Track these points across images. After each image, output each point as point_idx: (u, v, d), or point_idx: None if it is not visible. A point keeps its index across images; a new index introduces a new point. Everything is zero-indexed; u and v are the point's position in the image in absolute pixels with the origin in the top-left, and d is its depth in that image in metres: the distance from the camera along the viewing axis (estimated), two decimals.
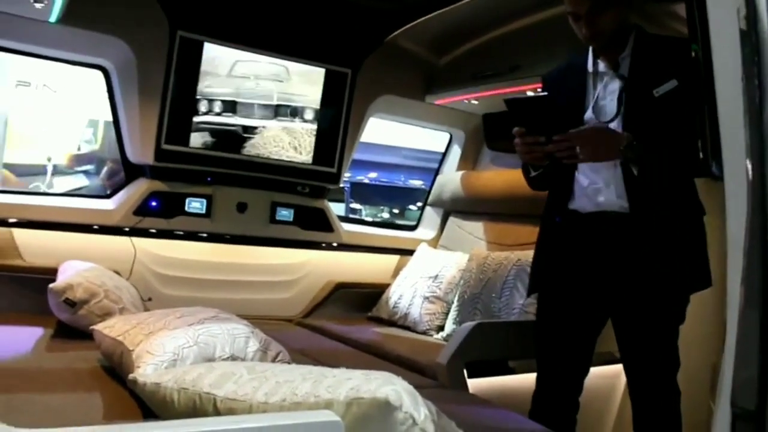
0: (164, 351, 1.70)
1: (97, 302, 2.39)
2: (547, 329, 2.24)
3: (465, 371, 2.49)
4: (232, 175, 3.33)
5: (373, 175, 11.98)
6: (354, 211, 11.32)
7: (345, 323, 3.38)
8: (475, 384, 2.57)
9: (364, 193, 11.54)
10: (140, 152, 3.08)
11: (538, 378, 2.28)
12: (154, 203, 3.15)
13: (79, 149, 6.88)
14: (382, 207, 11.94)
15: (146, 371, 1.62)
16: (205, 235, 3.32)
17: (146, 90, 2.98)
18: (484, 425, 1.89)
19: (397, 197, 11.31)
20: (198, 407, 1.27)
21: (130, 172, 3.23)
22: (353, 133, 3.57)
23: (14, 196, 2.98)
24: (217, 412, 1.24)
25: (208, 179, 3.28)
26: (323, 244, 3.69)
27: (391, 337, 3.15)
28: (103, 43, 2.87)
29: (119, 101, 3.05)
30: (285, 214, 3.53)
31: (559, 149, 1.95)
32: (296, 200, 3.56)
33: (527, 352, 2.61)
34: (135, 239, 3.12)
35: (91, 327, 2.09)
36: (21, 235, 2.88)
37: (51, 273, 2.60)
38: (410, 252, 3.73)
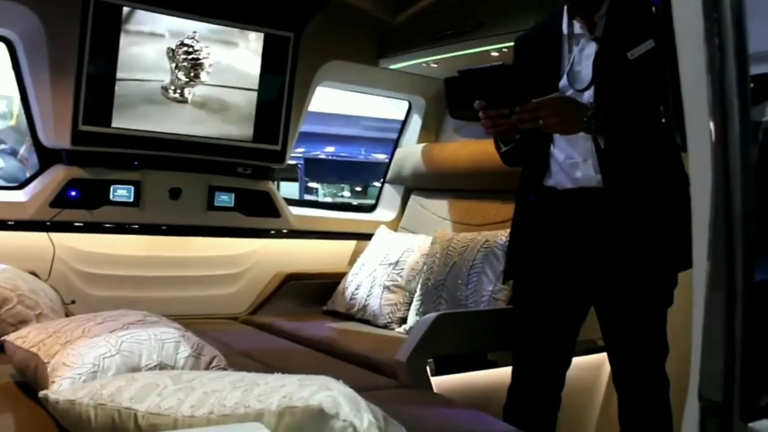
0: (83, 362, 1.69)
1: (9, 309, 2.36)
2: (524, 319, 2.28)
3: (429, 368, 2.52)
4: (162, 157, 3.29)
5: (330, 149, 11.96)
6: (310, 190, 11.30)
7: (297, 319, 3.40)
8: (443, 381, 2.61)
9: (320, 170, 11.52)
10: (54, 135, 3.03)
11: (514, 372, 2.32)
12: (73, 193, 3.11)
13: None
14: (341, 185, 11.94)
15: (62, 386, 1.61)
16: (134, 226, 3.30)
17: (58, 64, 2.93)
18: (448, 428, 1.92)
19: (358, 173, 11.32)
20: (117, 425, 1.27)
21: (44, 158, 3.18)
22: (299, 105, 3.56)
23: None
24: (138, 429, 1.25)
25: (135, 163, 3.24)
26: (271, 231, 3.69)
27: (347, 332, 3.17)
28: (4, 11, 2.81)
29: (27, 77, 2.99)
30: (224, 199, 3.52)
31: (522, 120, 1.98)
32: (237, 183, 3.55)
33: (498, 344, 2.67)
34: (53, 234, 3.08)
35: (2, 338, 2.07)
36: None
37: None
38: (368, 236, 3.74)
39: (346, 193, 11.82)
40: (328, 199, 11.26)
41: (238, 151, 3.48)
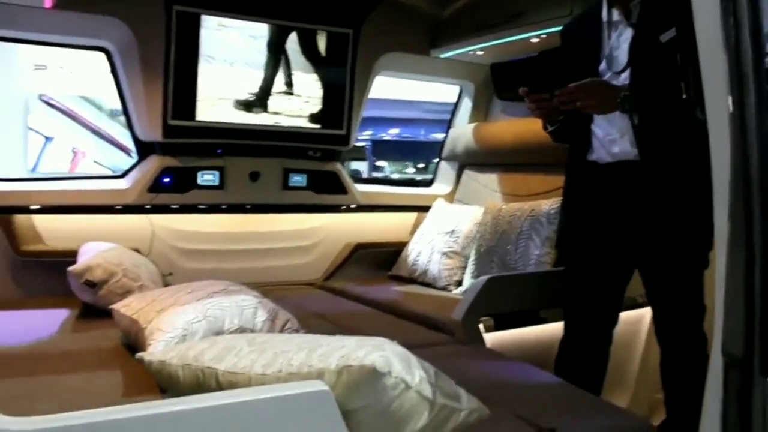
0: (174, 327, 1.74)
1: (116, 281, 2.44)
2: (574, 283, 2.26)
3: (484, 326, 2.51)
4: (242, 145, 3.34)
5: (394, 131, 11.91)
6: (377, 168, 11.31)
7: (366, 284, 3.42)
8: (497, 337, 2.59)
9: (387, 150, 11.51)
10: (148, 130, 3.10)
11: (565, 331, 2.30)
12: (166, 179, 3.19)
13: None
14: (406, 162, 11.92)
15: (157, 348, 1.67)
16: (219, 206, 3.36)
17: (148, 68, 2.99)
18: (498, 379, 1.91)
19: (420, 152, 11.27)
20: (201, 382, 1.30)
21: (141, 150, 3.27)
22: (360, 94, 3.55)
23: (30, 183, 3.04)
24: (219, 386, 1.27)
25: (219, 151, 3.30)
26: (341, 207, 3.71)
27: (410, 294, 3.18)
28: (102, 25, 2.88)
29: (123, 81, 3.07)
30: (298, 179, 3.55)
31: (562, 103, 1.99)
32: (308, 165, 3.58)
33: (544, 303, 2.63)
34: (151, 216, 3.17)
35: (110, 306, 2.15)
36: (41, 220, 2.96)
37: (72, 255, 2.66)
38: (427, 208, 3.72)
39: (411, 170, 11.80)
40: (395, 176, 11.25)
41: (308, 136, 3.50)
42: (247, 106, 3.30)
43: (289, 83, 3.37)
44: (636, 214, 2.08)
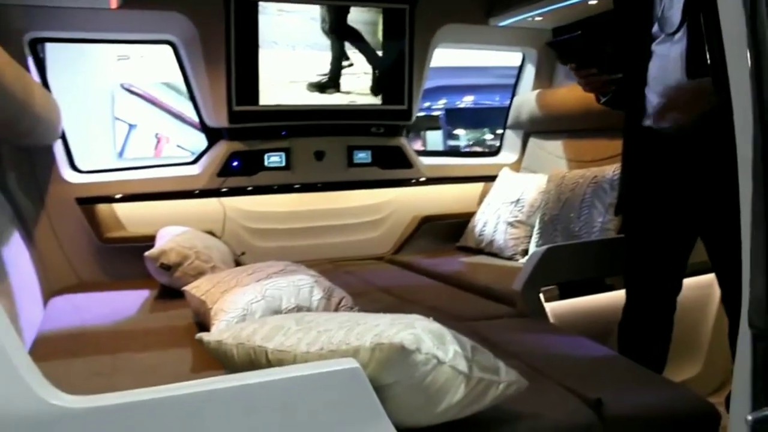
0: (235, 307, 1.85)
1: (189, 264, 2.59)
2: (634, 250, 2.24)
3: (544, 296, 2.51)
4: (306, 126, 3.43)
5: (469, 98, 11.77)
6: (453, 137, 11.24)
7: (433, 256, 3.47)
8: (560, 306, 2.60)
9: (462, 118, 11.40)
10: (215, 117, 3.24)
11: (627, 299, 2.28)
12: (235, 163, 3.32)
13: None
14: (483, 130, 11.78)
15: (220, 327, 1.78)
16: (287, 186, 3.46)
17: (211, 57, 3.11)
18: (552, 351, 1.91)
19: (494, 118, 11.09)
20: (253, 359, 1.39)
21: (210, 136, 3.41)
22: (420, 68, 3.56)
23: (109, 174, 3.23)
24: (269, 363, 1.36)
25: (283, 133, 3.40)
26: (411, 180, 3.75)
27: (475, 265, 3.21)
28: (164, 20, 3.01)
29: (189, 71, 3.21)
30: (362, 156, 3.62)
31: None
32: (372, 141, 3.63)
33: (608, 271, 2.61)
34: (223, 199, 3.32)
35: (182, 288, 2.29)
36: (121, 208, 3.15)
37: (151, 240, 2.82)
38: (494, 178, 3.72)
39: (489, 136, 11.65)
40: (473, 143, 11.11)
41: (371, 113, 3.55)
42: (320, 87, 3.39)
43: (351, 62, 3.43)
44: (695, 180, 2.03)
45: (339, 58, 3.41)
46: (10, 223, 2.42)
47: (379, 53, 3.46)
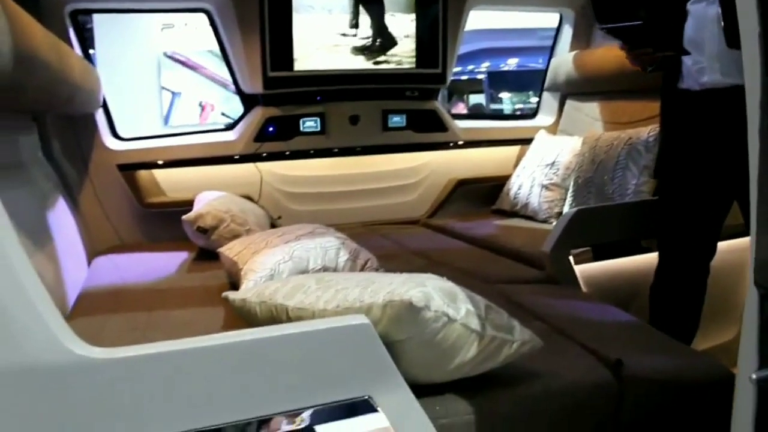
0: (263, 267, 1.91)
1: (225, 227, 2.65)
2: (670, 213, 2.22)
3: (573, 258, 2.51)
4: (340, 90, 3.45)
5: (513, 61, 11.56)
6: (496, 100, 11.09)
7: (468, 219, 3.48)
8: (591, 268, 2.59)
9: (505, 81, 11.23)
10: (250, 83, 3.28)
11: (659, 261, 2.27)
12: (270, 128, 3.36)
13: None
14: (528, 92, 11.59)
15: (248, 286, 1.84)
16: (322, 150, 3.50)
17: (246, 24, 3.14)
18: (573, 315, 1.91)
19: (538, 81, 10.90)
20: (275, 316, 1.45)
21: (246, 102, 3.46)
22: (454, 31, 3.53)
23: (150, 141, 3.31)
24: (289, 320, 1.41)
25: (318, 98, 3.43)
26: (448, 144, 3.75)
27: (509, 228, 3.21)
28: None
29: (224, 38, 3.24)
30: (397, 120, 3.62)
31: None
32: (407, 105, 3.63)
33: (637, 234, 2.59)
34: (259, 164, 3.37)
35: (217, 250, 2.36)
36: (161, 174, 3.24)
37: (190, 204, 2.90)
38: (530, 141, 3.69)
39: (534, 100, 11.46)
40: (519, 106, 10.96)
41: (405, 77, 3.55)
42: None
43: (384, 25, 3.42)
44: (730, 141, 1.99)
45: (379, 22, 3.40)
46: (55, 189, 2.52)
47: (413, 16, 3.43)
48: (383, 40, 3.42)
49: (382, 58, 3.44)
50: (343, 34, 3.37)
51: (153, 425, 1.03)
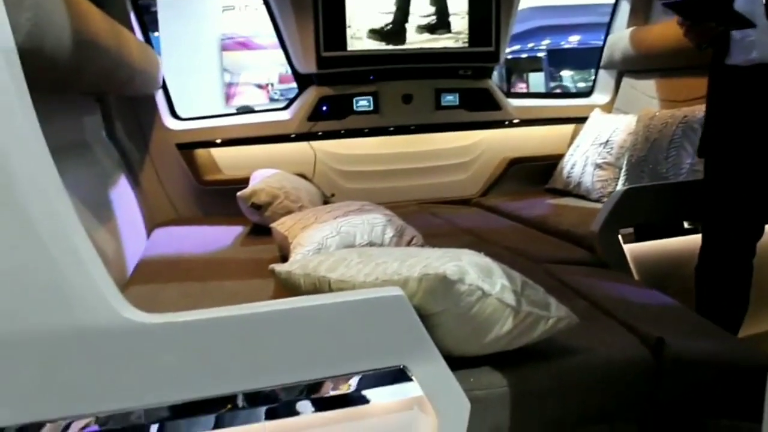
0: (311, 242, 1.96)
1: (279, 203, 2.72)
2: (716, 192, 2.16)
3: (621, 237, 2.47)
4: (393, 69, 3.46)
5: (575, 38, 11.31)
6: (556, 78, 10.88)
7: (520, 198, 3.45)
8: (639, 248, 2.55)
9: (565, 58, 11.00)
10: (304, 63, 3.33)
11: (703, 241, 2.22)
12: (324, 108, 3.41)
13: None
14: (590, 70, 11.33)
15: (295, 259, 1.89)
16: (375, 129, 3.53)
17: (299, 5, 3.18)
18: (616, 296, 1.88)
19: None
20: (318, 288, 1.49)
21: (300, 82, 3.51)
22: (507, 8, 3.50)
23: (207, 121, 3.41)
24: (331, 292, 1.46)
25: (371, 78, 3.45)
26: (500, 122, 3.73)
27: (561, 208, 3.17)
28: None
29: (279, 19, 3.30)
30: (450, 99, 3.62)
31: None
32: (460, 84, 3.62)
33: (688, 214, 2.53)
34: (313, 143, 3.43)
35: (270, 225, 2.42)
36: (218, 153, 3.33)
37: (245, 182, 2.98)
38: (585, 120, 3.63)
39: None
40: (581, 84, 10.74)
41: (458, 56, 3.53)
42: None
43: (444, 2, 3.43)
44: None
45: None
46: (117, 167, 2.63)
47: None
48: (441, 18, 3.41)
49: (435, 36, 3.44)
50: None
51: (197, 388, 1.09)
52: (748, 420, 1.44)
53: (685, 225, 2.62)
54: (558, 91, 10.57)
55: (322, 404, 1.18)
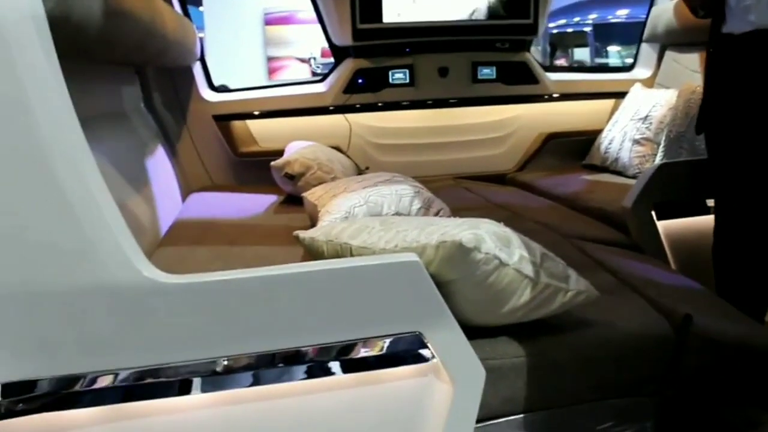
0: (339, 210, 1.98)
1: (312, 174, 2.74)
2: (721, 169, 2.08)
3: (654, 213, 2.43)
4: (429, 42, 3.44)
5: (623, 12, 11.00)
6: (602, 54, 10.63)
7: (557, 174, 3.41)
8: (671, 225, 2.49)
9: (613, 33, 10.71)
10: (340, 35, 3.32)
11: (716, 222, 2.14)
12: (360, 80, 3.40)
13: None
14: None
15: (321, 226, 1.91)
16: (412, 102, 3.51)
17: None
18: (649, 276, 1.84)
19: None
20: (340, 255, 1.51)
21: (337, 55, 3.51)
22: None
23: (244, 93, 3.44)
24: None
25: (407, 50, 3.43)
26: (545, 96, 3.68)
27: (596, 184, 3.12)
28: None
29: None
30: (487, 72, 3.57)
31: None
32: (497, 57, 3.57)
33: None
34: (349, 115, 3.43)
35: (302, 194, 2.45)
36: (254, 125, 3.37)
37: (280, 154, 2.99)
38: (626, 95, 3.55)
39: None
40: (630, 60, 10.48)
41: (495, 28, 3.48)
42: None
43: None
44: None
45: None
46: (154, 138, 2.68)
47: None
48: None
49: (472, 8, 3.39)
50: None
51: (215, 348, 1.12)
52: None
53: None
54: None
55: (337, 368, 1.20)
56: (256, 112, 3.34)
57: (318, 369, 1.19)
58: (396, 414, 1.24)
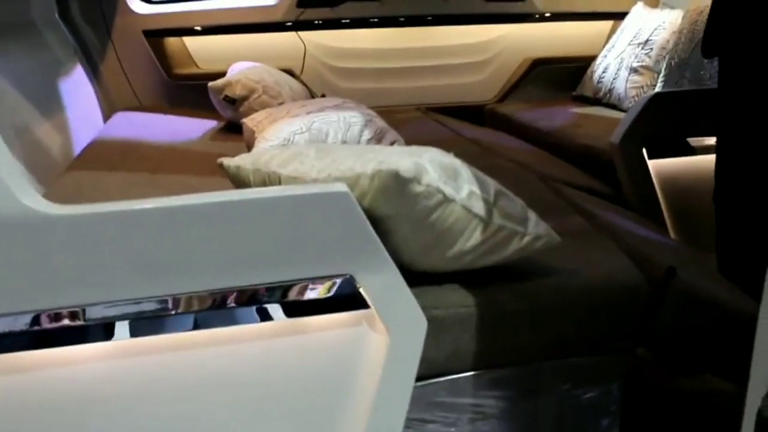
0: (277, 137, 1.95)
1: (256, 98, 2.69)
2: (727, 99, 2.03)
3: (645, 151, 2.41)
4: None
5: None
6: None
7: (542, 106, 3.37)
8: (668, 164, 2.49)
9: None
10: None
11: (717, 159, 2.12)
12: None
13: None
14: None
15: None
16: (376, 20, 3.43)
17: None
18: (630, 229, 1.83)
19: None
20: (267, 185, 1.48)
21: None
22: None
23: (179, 5, 3.32)
24: None
25: None
26: (535, 15, 3.63)
27: (582, 118, 3.10)
28: None
29: None
30: None
31: None
32: None
33: None
34: (303, 33, 3.35)
35: (242, 120, 2.40)
36: (192, 43, 3.28)
37: (222, 76, 2.91)
38: (626, 15, 3.51)
39: None
40: None
41: None
42: None
43: None
44: None
45: None
46: (72, 56, 2.60)
47: None
48: None
49: None
50: None
51: (114, 290, 1.09)
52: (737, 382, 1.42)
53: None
54: None
55: (256, 315, 1.19)
56: (196, 28, 3.25)
57: (232, 316, 1.18)
58: (324, 368, 1.23)
